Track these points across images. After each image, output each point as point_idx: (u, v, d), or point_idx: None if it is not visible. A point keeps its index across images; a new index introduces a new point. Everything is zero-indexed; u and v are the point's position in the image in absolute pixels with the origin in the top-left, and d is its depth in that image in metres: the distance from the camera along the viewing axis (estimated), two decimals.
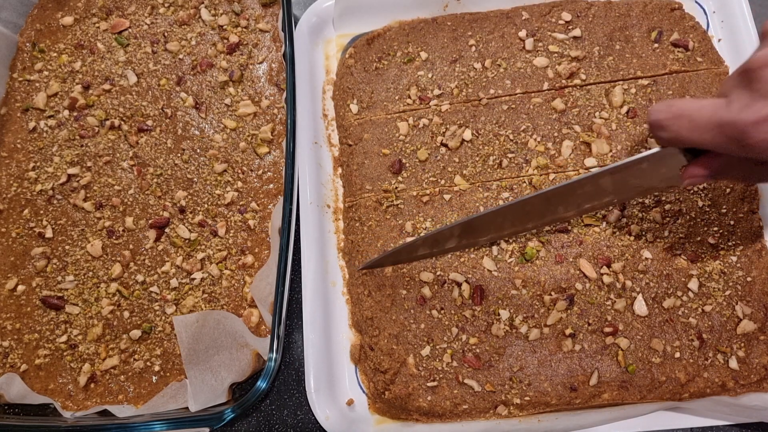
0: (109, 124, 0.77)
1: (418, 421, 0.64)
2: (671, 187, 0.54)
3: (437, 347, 0.65)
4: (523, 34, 0.76)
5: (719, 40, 0.77)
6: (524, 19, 0.77)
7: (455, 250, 0.67)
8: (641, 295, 0.65)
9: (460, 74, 0.75)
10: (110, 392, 0.68)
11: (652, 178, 0.54)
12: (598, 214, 0.68)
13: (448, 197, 0.70)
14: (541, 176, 0.70)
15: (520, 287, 0.66)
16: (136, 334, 0.69)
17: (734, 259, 0.66)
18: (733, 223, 0.67)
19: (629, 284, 0.65)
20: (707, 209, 0.68)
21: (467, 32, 0.77)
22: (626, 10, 0.76)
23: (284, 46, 0.73)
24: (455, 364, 0.64)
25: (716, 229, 0.67)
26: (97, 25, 0.82)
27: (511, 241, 0.68)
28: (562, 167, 0.70)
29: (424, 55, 0.77)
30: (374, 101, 0.76)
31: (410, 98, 0.75)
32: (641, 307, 0.64)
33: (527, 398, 0.62)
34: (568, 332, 0.64)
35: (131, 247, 0.72)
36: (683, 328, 0.64)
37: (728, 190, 0.68)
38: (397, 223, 0.70)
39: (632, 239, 0.67)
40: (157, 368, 0.68)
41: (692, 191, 0.68)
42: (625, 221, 0.68)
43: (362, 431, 0.64)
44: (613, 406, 0.63)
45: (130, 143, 0.76)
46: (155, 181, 0.74)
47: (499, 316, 0.65)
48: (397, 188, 0.71)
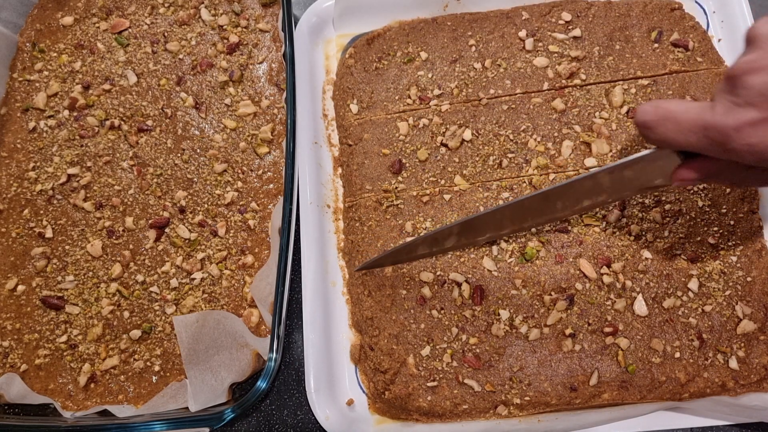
0: (109, 124, 0.77)
1: (418, 421, 0.64)
2: (666, 186, 0.55)
3: (437, 347, 0.65)
4: (523, 34, 0.76)
5: (719, 40, 0.77)
6: (524, 19, 0.77)
7: (455, 249, 0.67)
8: (641, 295, 0.65)
9: (460, 74, 0.75)
10: (110, 392, 0.68)
11: (648, 177, 0.55)
12: (598, 213, 0.68)
13: (448, 197, 0.70)
14: (541, 176, 0.70)
15: (520, 287, 0.66)
16: (136, 334, 0.69)
17: (734, 259, 0.66)
18: (733, 223, 0.67)
19: (629, 284, 0.65)
20: (707, 209, 0.68)
21: (467, 32, 0.77)
22: (626, 10, 0.76)
23: (284, 46, 0.73)
24: (455, 364, 0.64)
25: (716, 229, 0.67)
26: (97, 25, 0.82)
27: (511, 241, 0.68)
28: (562, 167, 0.70)
29: (424, 55, 0.77)
30: (374, 101, 0.76)
31: (410, 98, 0.75)
32: (641, 307, 0.64)
33: (527, 398, 0.62)
34: (568, 332, 0.64)
35: (131, 247, 0.72)
36: (683, 328, 0.64)
37: (728, 190, 0.68)
38: (397, 223, 0.70)
39: (632, 239, 0.67)
40: (157, 368, 0.68)
41: (692, 191, 0.68)
42: (625, 221, 0.68)
43: (362, 431, 0.64)
44: (613, 406, 0.63)
45: (130, 143, 0.76)
46: (155, 181, 0.74)
47: (499, 316, 0.65)
48: (397, 188, 0.71)
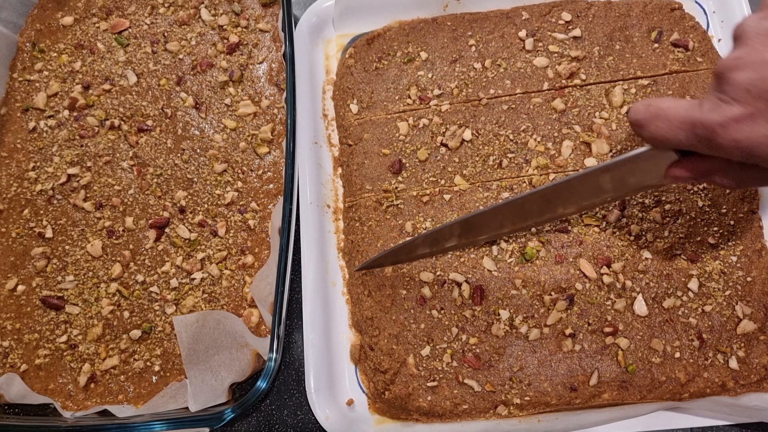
0: (109, 124, 0.77)
1: (418, 421, 0.64)
2: (662, 184, 0.55)
3: (437, 347, 0.65)
4: (523, 34, 0.76)
5: (719, 40, 0.77)
6: (524, 19, 0.77)
7: (455, 249, 0.67)
8: (641, 295, 0.65)
9: (460, 74, 0.75)
10: (110, 392, 0.68)
11: (645, 175, 0.55)
12: (598, 213, 0.68)
13: (448, 197, 0.70)
14: (541, 176, 0.70)
15: (520, 287, 0.66)
16: (136, 334, 0.69)
17: (734, 259, 0.66)
18: (733, 223, 0.67)
19: (629, 284, 0.65)
20: (707, 209, 0.68)
21: (467, 32, 0.77)
22: (626, 10, 0.76)
23: (284, 46, 0.73)
24: (455, 364, 0.64)
25: (716, 229, 0.67)
26: (97, 25, 0.82)
27: (511, 241, 0.68)
28: (562, 167, 0.70)
29: (424, 55, 0.77)
30: (374, 101, 0.76)
31: (410, 98, 0.75)
32: (641, 307, 0.64)
33: (527, 398, 0.62)
34: (568, 332, 0.64)
35: (131, 247, 0.72)
36: (683, 328, 0.64)
37: (728, 190, 0.68)
38: (397, 223, 0.70)
39: (632, 239, 0.67)
40: (157, 368, 0.68)
41: (692, 191, 0.68)
42: (625, 221, 0.68)
43: (362, 431, 0.64)
44: (613, 406, 0.63)
45: (130, 143, 0.76)
46: (155, 181, 0.74)
47: (499, 316, 0.65)
48: (397, 188, 0.71)
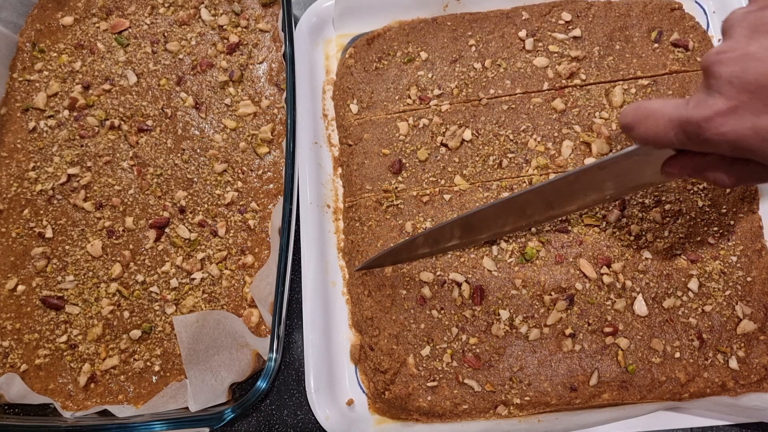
0: (109, 124, 0.77)
1: (418, 421, 0.64)
2: (659, 182, 0.54)
3: (437, 347, 0.65)
4: (523, 34, 0.76)
5: (719, 40, 0.77)
6: (524, 19, 0.77)
7: (455, 248, 0.67)
8: (641, 295, 0.65)
9: (460, 74, 0.75)
10: (110, 392, 0.68)
11: (642, 172, 0.54)
12: (598, 213, 0.68)
13: (448, 197, 0.70)
14: (541, 176, 0.70)
15: (520, 287, 0.66)
16: (136, 334, 0.69)
17: (734, 259, 0.66)
18: (733, 223, 0.67)
19: (629, 284, 0.65)
20: (707, 209, 0.68)
21: (467, 32, 0.77)
22: (626, 10, 0.76)
23: (284, 46, 0.73)
24: (455, 364, 0.64)
25: (716, 229, 0.67)
26: (97, 25, 0.82)
27: (511, 241, 0.68)
28: (562, 167, 0.70)
29: (424, 55, 0.77)
30: (374, 101, 0.76)
31: (410, 98, 0.75)
32: (641, 307, 0.64)
33: (527, 398, 0.62)
34: (568, 332, 0.64)
35: (131, 247, 0.72)
36: (683, 328, 0.64)
37: (728, 190, 0.68)
38: (397, 223, 0.70)
39: (632, 239, 0.67)
40: (157, 368, 0.68)
41: (692, 191, 0.68)
42: (625, 221, 0.68)
43: (362, 431, 0.64)
44: (613, 406, 0.63)
45: (130, 143, 0.76)
46: (155, 181, 0.74)
47: (499, 316, 0.65)
48: (397, 188, 0.71)
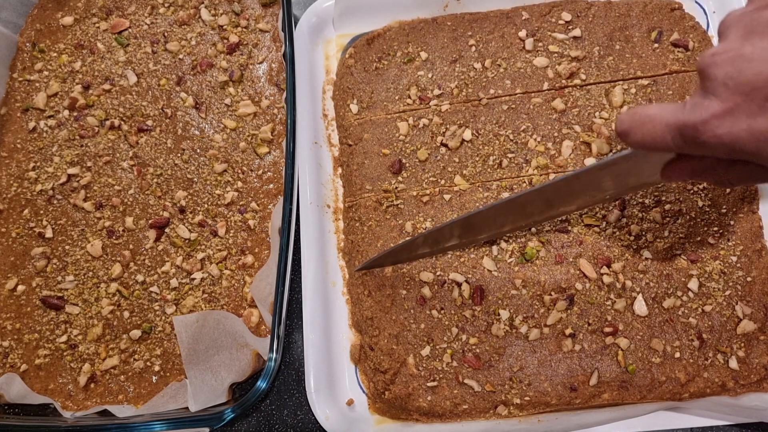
0: (109, 124, 0.77)
1: (418, 421, 0.64)
2: (659, 183, 0.54)
3: (437, 347, 0.65)
4: (523, 34, 0.76)
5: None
6: (524, 19, 0.77)
7: (455, 248, 0.67)
8: (641, 295, 0.65)
9: (460, 74, 0.75)
10: (110, 392, 0.68)
11: (642, 173, 0.54)
12: (598, 213, 0.68)
13: (448, 197, 0.70)
14: (541, 176, 0.70)
15: (520, 287, 0.66)
16: (136, 334, 0.69)
17: (734, 259, 0.66)
18: (733, 223, 0.67)
19: (629, 284, 0.65)
20: (707, 209, 0.68)
21: (467, 32, 0.77)
22: (626, 10, 0.76)
23: (284, 46, 0.73)
24: (455, 364, 0.64)
25: (716, 229, 0.67)
26: (97, 25, 0.82)
27: (511, 241, 0.68)
28: (562, 167, 0.70)
29: (424, 55, 0.77)
30: (374, 101, 0.76)
31: (410, 98, 0.75)
32: (641, 307, 0.64)
33: (527, 398, 0.62)
34: (568, 332, 0.64)
35: (131, 247, 0.72)
36: (683, 328, 0.64)
37: (728, 189, 0.68)
38: (397, 223, 0.70)
39: (632, 239, 0.67)
40: (157, 368, 0.68)
41: (692, 191, 0.68)
42: (625, 221, 0.68)
43: (362, 431, 0.64)
44: (613, 406, 0.63)
45: (130, 143, 0.76)
46: (155, 181, 0.74)
47: (499, 316, 0.65)
48: (397, 188, 0.71)
